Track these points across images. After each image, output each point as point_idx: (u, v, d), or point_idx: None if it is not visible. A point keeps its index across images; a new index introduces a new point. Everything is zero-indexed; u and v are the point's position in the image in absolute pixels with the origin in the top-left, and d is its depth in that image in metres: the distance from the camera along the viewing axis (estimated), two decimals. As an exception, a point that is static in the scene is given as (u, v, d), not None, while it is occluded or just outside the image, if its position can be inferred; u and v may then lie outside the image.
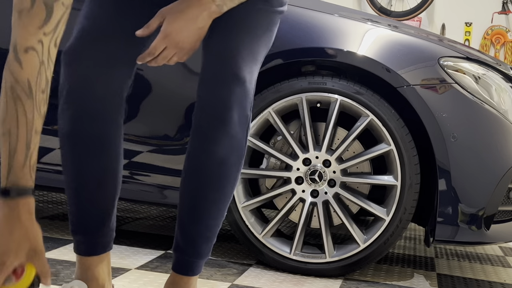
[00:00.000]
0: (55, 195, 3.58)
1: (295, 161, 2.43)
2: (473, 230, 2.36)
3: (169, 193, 2.47)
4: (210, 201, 1.56)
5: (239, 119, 1.52)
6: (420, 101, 2.34)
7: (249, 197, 2.49)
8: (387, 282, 2.48)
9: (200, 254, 1.60)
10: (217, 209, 1.57)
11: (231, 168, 1.56)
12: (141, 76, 2.46)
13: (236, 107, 1.51)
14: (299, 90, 2.40)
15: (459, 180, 2.34)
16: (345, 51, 2.39)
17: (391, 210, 2.38)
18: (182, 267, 1.61)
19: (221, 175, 1.55)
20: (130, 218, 3.18)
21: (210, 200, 1.56)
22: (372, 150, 2.42)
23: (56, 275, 2.11)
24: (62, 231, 2.72)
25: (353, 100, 2.38)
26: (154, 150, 2.45)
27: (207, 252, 1.61)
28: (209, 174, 1.54)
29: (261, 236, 2.45)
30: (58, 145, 2.49)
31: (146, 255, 2.48)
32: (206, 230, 1.58)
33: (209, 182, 1.55)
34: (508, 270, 2.96)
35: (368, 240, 2.40)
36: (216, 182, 1.55)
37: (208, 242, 1.60)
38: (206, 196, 1.56)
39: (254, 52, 1.55)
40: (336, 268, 2.43)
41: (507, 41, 6.66)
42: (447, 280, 2.63)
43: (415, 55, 2.42)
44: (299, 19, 2.45)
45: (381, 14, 6.57)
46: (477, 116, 2.38)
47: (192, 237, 1.58)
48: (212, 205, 1.56)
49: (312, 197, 2.43)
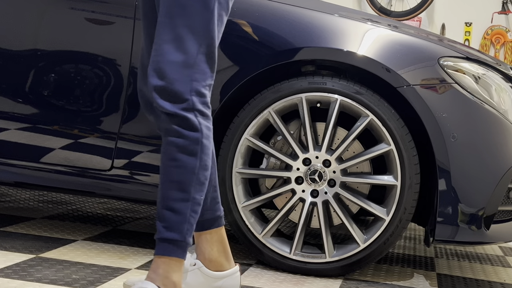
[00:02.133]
0: (55, 195, 3.58)
1: (295, 161, 2.43)
2: (473, 230, 2.36)
3: (169, 193, 2.46)
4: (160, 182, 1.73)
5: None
6: (420, 101, 2.34)
7: (249, 197, 2.49)
8: (387, 282, 2.48)
9: (158, 231, 1.71)
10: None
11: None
12: (141, 76, 2.46)
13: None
14: (299, 90, 2.40)
15: (459, 180, 2.34)
16: (345, 51, 2.39)
17: (391, 210, 2.38)
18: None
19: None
20: (130, 218, 3.18)
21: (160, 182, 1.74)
22: (372, 150, 2.42)
23: (56, 276, 2.11)
24: (62, 231, 2.72)
25: (353, 100, 2.38)
26: (154, 150, 2.45)
27: (167, 225, 1.68)
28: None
29: (261, 236, 2.45)
30: (58, 145, 2.50)
31: (146, 255, 2.48)
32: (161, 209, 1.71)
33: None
34: (508, 270, 2.96)
35: (368, 240, 2.40)
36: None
37: (163, 221, 1.69)
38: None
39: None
40: (336, 268, 2.43)
41: (507, 41, 6.65)
42: (447, 280, 2.63)
43: (415, 55, 2.42)
44: (299, 19, 2.45)
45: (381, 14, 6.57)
46: (477, 116, 2.38)
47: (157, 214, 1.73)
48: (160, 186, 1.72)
49: (312, 197, 2.43)
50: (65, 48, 2.50)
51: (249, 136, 2.43)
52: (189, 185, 1.69)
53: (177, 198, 1.68)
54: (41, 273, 2.12)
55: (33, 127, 2.50)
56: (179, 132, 1.68)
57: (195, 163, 1.69)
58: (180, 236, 1.68)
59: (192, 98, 1.67)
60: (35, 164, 2.51)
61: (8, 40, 2.52)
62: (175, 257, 1.68)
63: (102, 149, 2.47)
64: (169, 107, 1.67)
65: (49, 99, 2.50)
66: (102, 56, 2.47)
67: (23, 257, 2.28)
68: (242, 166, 2.46)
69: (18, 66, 2.51)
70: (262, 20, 2.46)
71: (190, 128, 1.68)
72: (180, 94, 1.66)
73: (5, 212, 3.00)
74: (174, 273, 1.68)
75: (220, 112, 2.44)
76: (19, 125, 2.51)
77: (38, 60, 2.50)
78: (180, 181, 1.68)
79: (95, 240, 2.64)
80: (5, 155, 2.53)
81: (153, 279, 1.67)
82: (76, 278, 2.09)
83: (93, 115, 2.49)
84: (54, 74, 2.50)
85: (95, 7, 2.49)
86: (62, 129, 2.49)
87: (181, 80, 1.66)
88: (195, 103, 1.68)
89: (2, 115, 2.51)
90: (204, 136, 1.70)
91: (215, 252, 1.95)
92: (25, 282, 2.00)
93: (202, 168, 1.71)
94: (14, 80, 2.53)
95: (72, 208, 3.28)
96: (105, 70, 2.47)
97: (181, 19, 1.67)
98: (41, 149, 2.51)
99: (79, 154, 2.49)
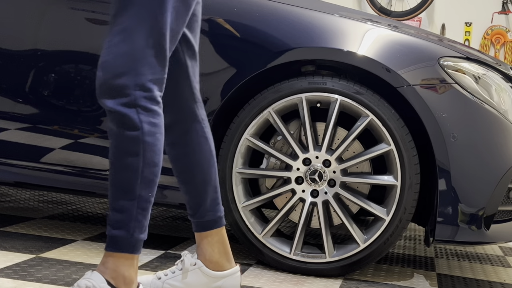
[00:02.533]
0: (55, 195, 3.58)
1: (295, 161, 2.43)
2: (473, 230, 2.36)
3: (169, 193, 2.46)
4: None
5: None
6: (420, 101, 2.34)
7: (249, 197, 2.49)
8: (387, 282, 2.48)
9: (107, 228, 1.69)
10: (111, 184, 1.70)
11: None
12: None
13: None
14: (299, 90, 2.40)
15: (459, 180, 2.34)
16: (345, 51, 2.39)
17: (391, 210, 2.38)
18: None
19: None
20: (130, 218, 3.18)
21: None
22: (372, 150, 2.42)
23: (56, 276, 2.11)
24: (62, 231, 2.72)
25: (353, 100, 2.38)
26: (154, 150, 2.45)
27: (113, 222, 1.67)
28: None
29: (261, 236, 2.45)
30: (58, 145, 2.50)
31: (146, 255, 2.48)
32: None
33: None
34: (508, 270, 2.96)
35: (368, 240, 2.40)
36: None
37: (110, 220, 1.68)
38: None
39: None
40: (336, 268, 2.43)
41: (507, 41, 6.65)
42: (447, 280, 2.63)
43: (415, 55, 2.42)
44: (299, 19, 2.45)
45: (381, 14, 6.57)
46: (477, 116, 2.38)
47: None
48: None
49: (312, 197, 2.43)
50: (65, 48, 2.51)
51: (249, 136, 2.43)
52: (134, 184, 1.66)
53: (122, 198, 1.66)
54: (41, 273, 2.12)
55: (33, 127, 2.50)
56: (117, 133, 1.64)
57: (137, 162, 1.65)
58: (126, 233, 1.67)
59: (135, 93, 1.62)
60: (35, 164, 2.51)
61: (8, 40, 2.52)
62: (123, 253, 1.68)
63: (102, 149, 2.47)
64: (109, 103, 1.63)
65: (49, 99, 2.50)
66: (102, 56, 2.47)
67: (23, 257, 2.28)
68: (242, 166, 2.46)
69: (18, 66, 2.51)
70: (262, 20, 2.46)
71: (128, 127, 1.63)
72: (121, 89, 1.61)
73: (5, 212, 3.00)
74: (124, 267, 1.68)
75: (220, 112, 2.44)
76: (19, 125, 2.51)
77: (38, 60, 2.50)
78: (124, 181, 1.66)
79: (95, 240, 2.64)
80: (5, 155, 2.53)
81: (103, 272, 1.68)
82: (76, 278, 2.09)
83: (93, 115, 2.49)
84: (54, 74, 2.50)
85: (95, 7, 2.49)
86: (62, 129, 2.50)
87: (125, 73, 1.61)
88: (137, 99, 1.63)
89: (2, 115, 2.51)
90: (146, 134, 1.64)
91: (216, 253, 1.96)
92: (25, 282, 2.00)
93: (148, 166, 1.66)
94: (14, 80, 2.53)
95: (72, 208, 3.28)
96: (105, 70, 2.46)
97: (130, 11, 1.63)
98: (41, 149, 2.51)
99: (79, 154, 2.49)
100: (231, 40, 2.44)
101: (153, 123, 1.66)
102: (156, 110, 1.67)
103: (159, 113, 1.68)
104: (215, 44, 2.45)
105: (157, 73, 1.66)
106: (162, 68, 1.68)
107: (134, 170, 1.65)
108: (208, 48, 2.44)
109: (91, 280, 1.65)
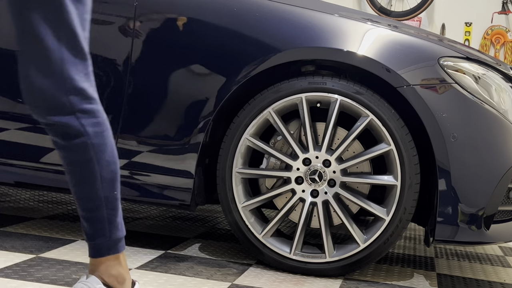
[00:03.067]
0: (55, 195, 3.58)
1: (295, 161, 2.43)
2: (473, 230, 2.36)
3: (169, 193, 2.47)
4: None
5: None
6: (420, 101, 2.34)
7: (249, 197, 2.49)
8: (387, 282, 2.48)
9: (85, 237, 1.69)
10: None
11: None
12: (141, 77, 2.46)
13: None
14: (299, 90, 2.40)
15: (459, 180, 2.34)
16: (345, 51, 2.39)
17: (391, 210, 2.38)
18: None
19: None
20: (130, 218, 3.18)
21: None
22: (372, 150, 2.42)
23: (56, 276, 2.11)
24: (62, 231, 2.72)
25: (353, 100, 2.38)
26: (154, 150, 2.45)
27: (90, 233, 1.66)
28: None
29: (261, 236, 2.45)
30: (58, 145, 2.50)
31: (146, 255, 2.48)
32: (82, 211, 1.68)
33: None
34: (508, 270, 2.96)
35: (368, 240, 2.40)
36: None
37: (87, 222, 1.66)
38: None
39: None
40: (336, 268, 2.43)
41: (507, 41, 6.65)
42: (447, 280, 2.63)
43: (415, 55, 2.42)
44: (299, 19, 2.45)
45: (381, 14, 6.57)
46: (477, 116, 2.38)
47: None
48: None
49: (312, 197, 2.43)
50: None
51: (249, 136, 2.43)
52: (96, 190, 1.64)
53: (89, 206, 1.65)
54: (41, 273, 2.12)
55: (33, 127, 2.49)
56: (64, 145, 1.60)
57: (93, 167, 1.62)
58: (105, 238, 1.67)
59: (69, 99, 1.56)
60: (35, 164, 2.51)
61: (8, 40, 2.51)
62: (108, 255, 1.69)
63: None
64: (46, 118, 1.57)
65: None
66: (101, 56, 2.47)
67: (23, 257, 2.28)
68: (242, 166, 2.46)
69: (18, 66, 2.50)
70: (262, 20, 2.46)
71: (72, 135, 1.59)
72: (54, 102, 1.55)
73: (5, 212, 3.00)
74: (112, 268, 1.69)
75: (220, 112, 2.44)
76: (19, 125, 2.51)
77: (38, 60, 2.49)
78: (86, 190, 1.64)
79: (95, 240, 2.64)
80: (5, 155, 2.53)
81: (97, 276, 1.69)
82: (76, 278, 2.09)
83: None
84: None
85: (95, 7, 2.48)
86: (62, 129, 2.49)
87: (52, 85, 1.56)
88: (73, 104, 1.57)
89: (2, 115, 2.51)
90: (92, 137, 1.60)
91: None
92: (25, 282, 2.00)
93: (104, 167, 1.64)
94: (14, 80, 2.52)
95: (72, 208, 3.28)
96: (104, 70, 2.47)
97: (33, 16, 1.58)
98: (41, 149, 2.51)
99: (79, 154, 2.49)
100: (231, 40, 2.44)
101: (96, 123, 1.61)
102: (94, 108, 1.61)
103: (97, 110, 1.62)
104: (215, 44, 2.45)
105: (82, 69, 1.61)
106: (84, 60, 1.62)
107: (92, 176, 1.63)
108: (208, 48, 2.44)
109: (87, 283, 1.65)
